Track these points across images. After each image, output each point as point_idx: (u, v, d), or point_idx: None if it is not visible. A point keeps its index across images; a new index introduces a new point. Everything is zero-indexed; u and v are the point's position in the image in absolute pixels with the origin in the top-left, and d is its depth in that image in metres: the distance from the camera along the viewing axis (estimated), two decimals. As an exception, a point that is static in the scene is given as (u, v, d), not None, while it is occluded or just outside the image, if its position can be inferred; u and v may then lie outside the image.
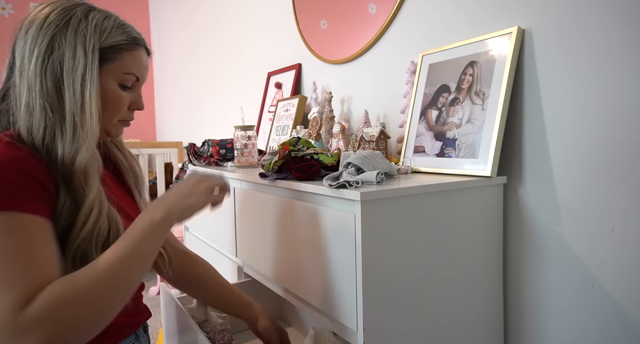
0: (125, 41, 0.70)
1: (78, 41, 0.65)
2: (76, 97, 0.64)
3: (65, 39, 0.64)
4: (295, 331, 1.33)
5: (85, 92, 0.65)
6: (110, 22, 0.69)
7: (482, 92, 0.90)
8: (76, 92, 0.64)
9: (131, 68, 0.71)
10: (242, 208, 1.16)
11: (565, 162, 0.83)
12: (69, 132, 0.64)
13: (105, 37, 0.67)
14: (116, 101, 0.71)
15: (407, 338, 0.78)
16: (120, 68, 0.70)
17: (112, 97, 0.70)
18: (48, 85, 0.63)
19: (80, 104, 0.64)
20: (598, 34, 0.77)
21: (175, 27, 3.23)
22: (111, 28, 0.69)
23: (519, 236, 0.92)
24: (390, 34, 1.22)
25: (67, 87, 0.64)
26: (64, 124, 0.64)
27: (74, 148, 0.64)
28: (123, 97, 0.72)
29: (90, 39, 0.65)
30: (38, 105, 0.63)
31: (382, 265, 0.74)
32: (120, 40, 0.69)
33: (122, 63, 0.70)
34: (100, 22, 0.68)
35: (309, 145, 0.96)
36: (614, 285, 0.77)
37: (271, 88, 1.82)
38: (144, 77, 0.75)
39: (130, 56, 0.71)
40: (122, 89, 0.71)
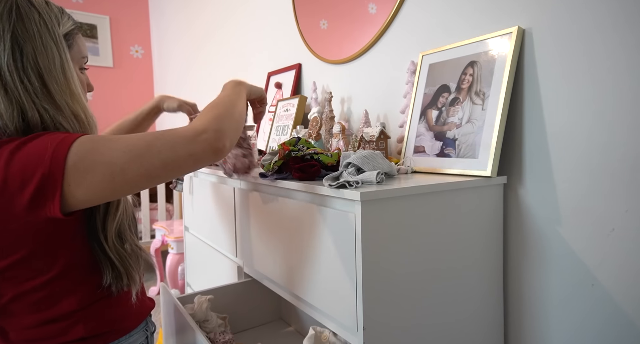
0: (74, 26, 0.70)
1: (42, 31, 0.63)
2: (63, 88, 0.64)
3: (27, 31, 0.61)
4: (295, 331, 1.33)
5: (70, 81, 0.65)
6: (54, 7, 0.67)
7: (482, 92, 0.90)
8: (61, 84, 0.64)
9: (83, 50, 0.72)
10: (242, 208, 1.16)
11: (565, 162, 0.83)
12: (73, 122, 0.64)
13: (61, 24, 0.67)
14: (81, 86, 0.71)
15: (407, 338, 0.78)
16: (78, 53, 0.71)
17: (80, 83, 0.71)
18: (33, 82, 0.61)
19: (69, 94, 0.65)
20: (598, 34, 0.77)
21: (175, 27, 3.23)
22: (59, 14, 0.68)
23: (519, 236, 0.92)
24: (390, 34, 1.22)
25: (50, 81, 0.63)
26: (65, 116, 0.64)
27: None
28: (83, 81, 0.73)
29: (53, 27, 0.64)
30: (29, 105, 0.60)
31: (382, 264, 0.74)
32: (71, 26, 0.69)
33: (78, 48, 0.71)
34: (48, 9, 0.66)
35: (309, 145, 0.96)
36: (614, 284, 0.77)
37: (271, 88, 1.82)
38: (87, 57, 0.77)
39: (80, 39, 0.72)
40: (81, 72, 0.73)
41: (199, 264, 1.67)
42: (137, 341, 0.77)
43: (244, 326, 1.33)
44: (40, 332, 0.66)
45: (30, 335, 0.67)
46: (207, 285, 1.54)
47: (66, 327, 0.67)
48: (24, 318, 0.66)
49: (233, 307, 1.27)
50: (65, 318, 0.67)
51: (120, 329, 0.74)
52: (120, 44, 3.75)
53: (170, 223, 2.86)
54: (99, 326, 0.70)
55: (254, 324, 1.35)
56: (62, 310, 0.67)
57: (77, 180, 0.56)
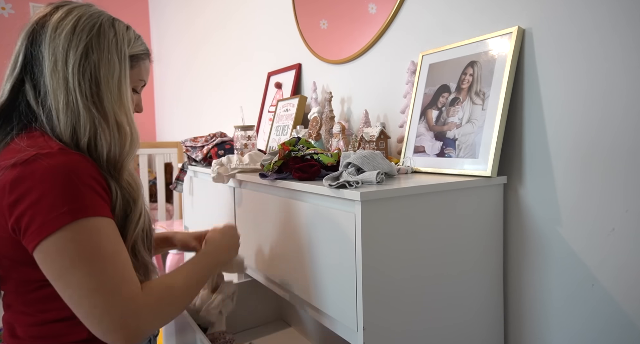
0: (143, 52, 0.79)
1: (112, 48, 0.70)
2: (114, 99, 0.70)
3: (99, 44, 0.69)
4: (295, 331, 1.33)
5: (123, 94, 0.71)
6: (131, 32, 0.77)
7: (482, 92, 0.90)
8: (114, 94, 0.70)
9: (144, 75, 0.80)
10: (242, 208, 1.16)
11: (566, 162, 0.83)
12: (114, 131, 0.69)
13: (131, 46, 0.75)
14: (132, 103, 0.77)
15: (407, 338, 0.78)
16: (137, 75, 0.79)
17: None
18: (87, 86, 0.67)
19: (119, 105, 0.70)
20: (598, 34, 0.77)
21: (175, 27, 3.23)
22: (134, 38, 0.76)
23: (519, 236, 0.92)
24: (390, 34, 1.22)
25: (105, 89, 0.69)
26: (108, 124, 0.68)
27: (121, 146, 0.70)
28: (133, 100, 0.78)
29: (122, 46, 0.72)
30: (81, 105, 0.67)
31: (382, 264, 0.74)
32: (141, 50, 0.78)
33: (139, 71, 0.79)
34: (125, 32, 0.74)
35: (309, 145, 0.96)
36: (614, 284, 0.77)
37: (271, 88, 1.82)
38: (146, 82, 0.84)
39: (144, 65, 0.80)
40: (133, 93, 0.78)
41: (199, 264, 1.66)
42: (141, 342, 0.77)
43: (244, 326, 1.33)
44: (44, 330, 0.67)
45: (35, 332, 0.68)
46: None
47: (70, 327, 0.67)
48: (28, 316, 0.68)
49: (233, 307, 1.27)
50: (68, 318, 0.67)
51: None
52: (120, 44, 3.74)
53: (170, 223, 2.86)
54: None
55: (254, 324, 1.35)
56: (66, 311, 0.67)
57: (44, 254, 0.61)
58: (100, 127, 0.68)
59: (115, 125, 0.69)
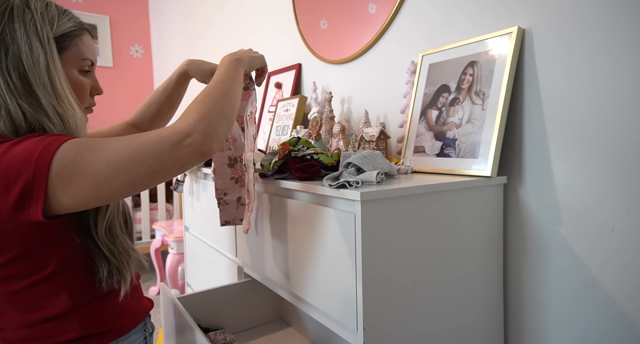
0: (75, 27, 0.69)
1: (31, 33, 0.63)
2: (47, 89, 0.63)
3: (16, 32, 0.62)
4: (295, 331, 1.33)
5: (55, 82, 0.64)
6: (53, 9, 0.67)
7: (482, 92, 0.90)
8: (46, 85, 0.63)
9: (85, 53, 0.71)
10: (242, 208, 1.16)
11: (566, 162, 0.83)
12: (57, 123, 0.64)
13: (55, 26, 0.66)
14: (80, 88, 0.71)
15: (407, 338, 0.78)
16: (77, 55, 0.70)
17: (76, 85, 0.70)
18: (15, 82, 0.61)
19: (54, 95, 0.64)
20: (598, 34, 0.77)
21: (175, 26, 3.23)
22: (57, 16, 0.67)
23: (519, 236, 0.92)
24: (390, 34, 1.22)
25: (34, 82, 0.62)
26: (49, 117, 0.63)
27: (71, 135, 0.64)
28: (84, 83, 0.72)
29: (42, 29, 0.64)
30: (12, 104, 0.61)
31: (382, 264, 0.74)
32: (70, 27, 0.68)
33: (77, 50, 0.70)
34: (44, 11, 0.66)
35: (309, 145, 0.96)
36: (615, 285, 0.77)
37: (271, 88, 1.82)
38: (96, 59, 0.75)
39: (81, 42, 0.70)
40: (82, 75, 0.71)
41: (199, 264, 1.67)
42: (135, 342, 0.77)
43: (244, 326, 1.33)
44: (35, 331, 0.67)
45: (26, 334, 0.67)
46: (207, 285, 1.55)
47: (61, 326, 0.67)
48: (18, 317, 0.67)
49: (233, 307, 1.27)
50: (59, 317, 0.67)
51: (117, 329, 0.74)
52: (120, 44, 3.75)
53: (170, 223, 2.86)
54: (95, 325, 0.70)
55: (254, 324, 1.35)
56: (55, 310, 0.67)
57: (62, 188, 0.56)
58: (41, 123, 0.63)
59: (57, 116, 0.64)
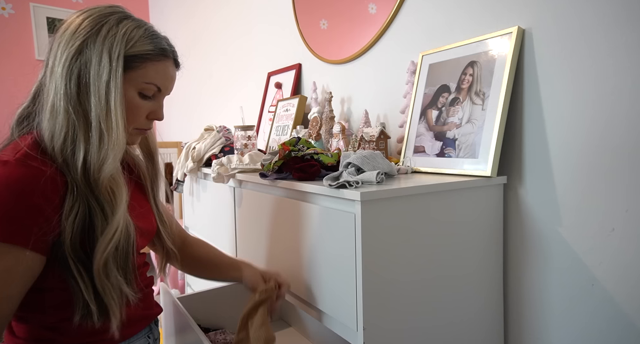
0: (151, 51, 0.69)
1: (105, 47, 0.65)
2: (101, 104, 0.64)
3: (94, 44, 0.64)
4: (295, 331, 1.33)
5: (110, 99, 0.65)
6: (140, 31, 0.69)
7: (482, 92, 0.90)
8: (101, 98, 0.64)
9: (153, 78, 0.70)
10: (242, 208, 1.16)
11: (565, 162, 0.83)
12: (95, 138, 0.64)
13: (131, 45, 0.67)
14: (134, 109, 0.70)
15: (407, 338, 0.78)
16: (142, 78, 0.69)
17: (130, 105, 0.69)
18: (72, 88, 0.63)
19: (105, 111, 0.64)
20: (598, 34, 0.77)
21: (175, 26, 3.23)
22: (139, 37, 0.68)
23: (519, 236, 0.92)
24: (390, 34, 1.22)
25: (92, 92, 0.64)
26: (90, 130, 0.64)
27: (102, 156, 0.63)
28: (141, 106, 0.71)
29: (117, 46, 0.65)
30: (62, 107, 0.63)
31: (382, 264, 0.74)
32: (145, 50, 0.69)
33: (145, 73, 0.69)
34: (130, 31, 0.68)
35: (309, 145, 0.96)
36: (614, 284, 0.77)
37: (271, 88, 1.82)
38: (167, 88, 0.74)
39: (153, 66, 0.70)
40: (141, 98, 0.70)
41: (199, 264, 1.66)
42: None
43: (244, 326, 1.32)
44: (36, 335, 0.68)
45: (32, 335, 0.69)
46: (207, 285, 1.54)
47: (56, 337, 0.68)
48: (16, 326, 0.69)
49: (233, 307, 1.27)
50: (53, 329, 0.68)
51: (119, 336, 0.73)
52: (120, 44, 3.74)
53: (170, 223, 2.85)
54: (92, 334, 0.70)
55: (254, 324, 1.35)
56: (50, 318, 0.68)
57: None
58: (79, 132, 0.63)
59: (98, 130, 0.64)
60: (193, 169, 1.43)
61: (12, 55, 3.17)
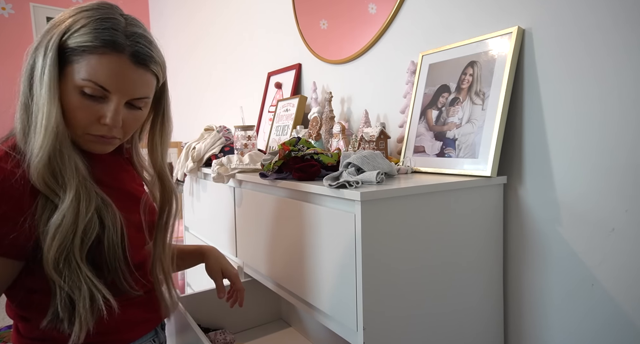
0: (89, 42, 0.60)
1: (45, 40, 0.62)
2: (36, 99, 0.62)
3: (44, 38, 0.63)
4: (295, 331, 1.33)
5: (42, 94, 0.61)
6: (87, 21, 0.61)
7: (482, 92, 0.90)
8: (36, 94, 0.62)
9: (91, 75, 0.60)
10: (242, 208, 1.16)
11: (566, 162, 0.83)
12: (31, 135, 0.62)
13: (68, 36, 0.60)
14: (72, 109, 0.63)
15: (407, 338, 0.78)
16: (79, 73, 0.61)
17: (68, 104, 0.62)
18: (24, 87, 0.64)
19: (37, 107, 0.62)
20: (598, 34, 0.77)
21: (175, 27, 3.23)
22: (80, 27, 0.61)
23: (519, 236, 0.92)
24: (390, 34, 1.22)
25: (34, 89, 0.63)
26: (32, 124, 0.63)
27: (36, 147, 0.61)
28: (79, 107, 0.62)
29: (54, 38, 0.61)
30: (19, 106, 0.64)
31: (382, 265, 0.74)
32: (82, 41, 0.60)
33: (80, 67, 0.60)
34: (76, 21, 0.61)
35: (309, 145, 0.96)
36: (614, 284, 0.77)
37: (271, 88, 1.82)
38: (119, 89, 0.63)
39: (93, 60, 0.60)
40: (84, 97, 0.62)
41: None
42: None
43: (244, 326, 1.33)
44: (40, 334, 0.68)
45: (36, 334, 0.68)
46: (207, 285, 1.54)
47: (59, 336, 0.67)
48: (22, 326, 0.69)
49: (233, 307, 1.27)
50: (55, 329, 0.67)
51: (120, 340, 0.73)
52: (120, 44, 3.74)
53: (170, 223, 2.85)
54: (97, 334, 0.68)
55: (254, 324, 1.35)
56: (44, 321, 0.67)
57: None
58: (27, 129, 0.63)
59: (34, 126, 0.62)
60: (193, 169, 1.43)
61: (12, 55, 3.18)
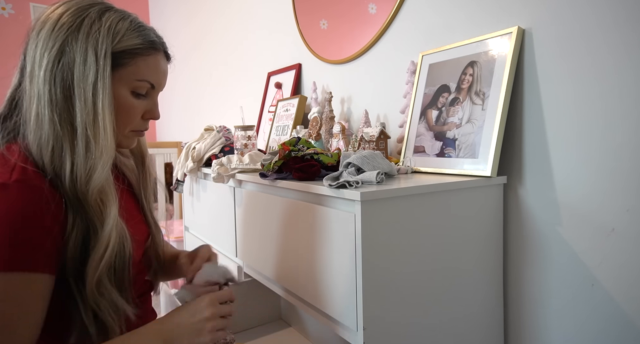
0: (141, 45, 0.64)
1: (89, 45, 0.59)
2: (88, 108, 0.59)
3: (77, 42, 0.59)
4: (295, 331, 1.33)
5: (98, 102, 0.59)
6: (126, 23, 0.64)
7: (482, 92, 0.90)
8: (87, 102, 0.59)
9: (145, 74, 0.65)
10: (242, 208, 1.16)
11: (566, 162, 0.83)
12: (81, 146, 0.59)
13: (118, 40, 0.62)
14: (128, 110, 0.65)
15: (407, 338, 0.78)
16: (133, 75, 0.64)
17: (123, 106, 0.64)
18: (57, 93, 0.59)
19: (92, 115, 0.59)
20: (598, 34, 0.77)
21: (175, 26, 3.23)
22: (125, 30, 0.63)
23: (519, 236, 0.92)
24: (390, 34, 1.22)
25: (77, 96, 0.59)
26: (75, 138, 0.59)
27: (89, 165, 0.59)
28: (135, 106, 0.66)
29: (103, 42, 0.60)
30: (47, 116, 0.58)
31: (382, 264, 0.74)
32: (134, 44, 0.63)
33: (136, 69, 0.64)
34: (115, 24, 0.62)
35: (309, 145, 0.96)
36: (614, 284, 0.77)
37: (271, 88, 1.82)
38: (161, 84, 0.69)
39: (144, 61, 0.65)
40: (134, 97, 0.65)
41: (199, 264, 1.66)
42: None
43: (244, 326, 1.33)
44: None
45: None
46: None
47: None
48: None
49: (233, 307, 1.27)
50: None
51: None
52: (120, 44, 3.74)
53: (171, 223, 2.86)
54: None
55: (254, 324, 1.36)
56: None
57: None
58: (64, 142, 0.58)
59: (84, 139, 0.59)
60: (193, 169, 1.43)
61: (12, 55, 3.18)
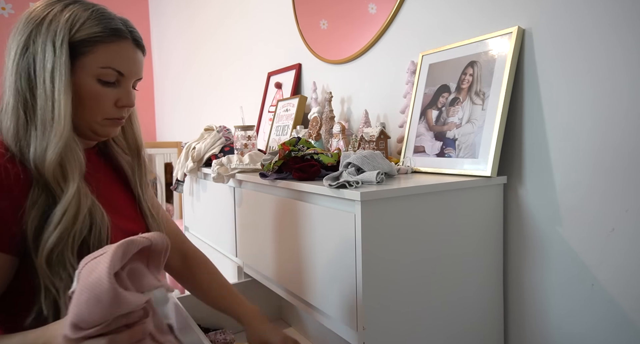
0: (100, 33, 0.65)
1: (49, 36, 0.62)
2: (47, 95, 0.62)
3: (39, 35, 0.63)
4: (295, 331, 1.33)
5: (55, 89, 0.62)
6: (86, 14, 0.65)
7: (482, 92, 0.90)
8: (47, 90, 0.62)
9: (109, 62, 0.66)
10: (242, 208, 1.16)
11: (565, 162, 0.83)
12: (39, 129, 0.62)
13: (76, 29, 0.64)
14: (95, 98, 0.67)
15: (407, 338, 0.78)
16: (95, 62, 0.65)
17: (89, 94, 0.66)
18: (22, 84, 0.63)
19: (51, 102, 0.62)
20: (598, 34, 0.77)
21: (175, 26, 3.23)
22: (85, 20, 0.65)
23: (519, 236, 0.92)
24: (390, 34, 1.22)
25: (38, 85, 0.62)
26: (36, 122, 0.63)
27: (44, 144, 0.62)
28: (101, 94, 0.67)
29: (60, 32, 0.62)
30: (11, 105, 0.63)
31: (382, 265, 0.74)
32: (93, 33, 0.65)
33: (97, 57, 0.65)
34: (75, 15, 0.64)
35: (309, 145, 0.96)
36: (614, 284, 0.77)
37: (271, 88, 1.82)
38: (131, 71, 0.69)
39: (106, 49, 0.66)
40: (102, 85, 0.67)
41: (199, 264, 1.66)
42: None
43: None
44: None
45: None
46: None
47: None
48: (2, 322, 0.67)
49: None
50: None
51: None
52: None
53: (171, 223, 2.85)
54: None
55: (254, 324, 1.35)
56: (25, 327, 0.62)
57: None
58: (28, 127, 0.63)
59: (42, 123, 0.62)
60: (193, 169, 1.43)
61: (12, 55, 3.18)
